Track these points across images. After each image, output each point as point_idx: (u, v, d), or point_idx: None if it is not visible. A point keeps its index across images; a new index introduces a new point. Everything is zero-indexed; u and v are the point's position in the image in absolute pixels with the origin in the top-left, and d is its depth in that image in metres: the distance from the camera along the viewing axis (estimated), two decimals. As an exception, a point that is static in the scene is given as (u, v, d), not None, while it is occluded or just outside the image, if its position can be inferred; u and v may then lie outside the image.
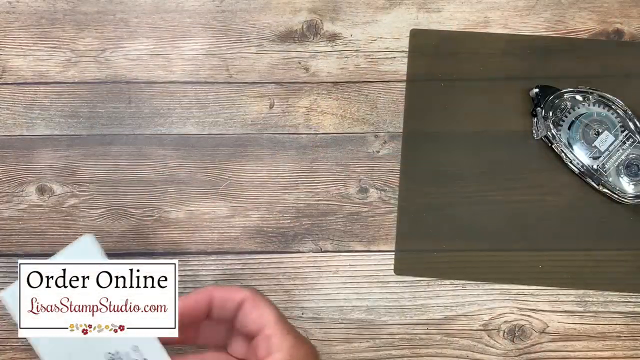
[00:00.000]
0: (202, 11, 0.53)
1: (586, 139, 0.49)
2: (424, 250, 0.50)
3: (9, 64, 0.52)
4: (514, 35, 0.52)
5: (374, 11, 0.53)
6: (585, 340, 0.49)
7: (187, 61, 0.52)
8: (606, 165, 0.49)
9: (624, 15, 0.52)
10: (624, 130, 0.49)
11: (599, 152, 0.49)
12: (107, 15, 0.52)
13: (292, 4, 0.53)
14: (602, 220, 0.50)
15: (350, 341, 0.49)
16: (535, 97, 0.50)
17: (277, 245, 0.50)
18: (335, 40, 0.52)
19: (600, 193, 0.49)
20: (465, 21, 0.52)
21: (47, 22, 0.52)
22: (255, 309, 0.38)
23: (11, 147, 0.51)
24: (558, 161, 0.50)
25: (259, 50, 0.52)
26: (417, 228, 0.50)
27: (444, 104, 0.51)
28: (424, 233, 0.50)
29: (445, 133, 0.51)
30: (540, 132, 0.49)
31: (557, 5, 0.53)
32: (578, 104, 0.50)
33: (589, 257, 0.49)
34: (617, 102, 0.49)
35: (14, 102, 0.52)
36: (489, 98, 0.51)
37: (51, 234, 0.50)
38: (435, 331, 0.49)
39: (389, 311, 0.49)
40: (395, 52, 0.52)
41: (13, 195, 0.51)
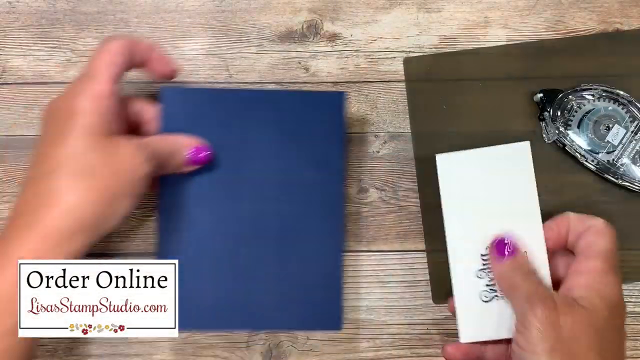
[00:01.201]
0: (202, 11, 0.53)
1: (597, 135, 0.49)
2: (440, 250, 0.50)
3: (9, 64, 0.52)
4: (509, 44, 0.52)
5: (374, 11, 0.53)
6: (585, 340, 0.49)
7: (187, 61, 0.52)
8: (622, 158, 0.49)
9: (624, 15, 0.52)
10: (633, 120, 0.49)
11: (613, 147, 0.49)
12: (107, 15, 0.52)
13: (292, 4, 0.53)
14: (628, 213, 0.50)
15: (350, 341, 0.49)
16: (540, 102, 0.50)
17: (277, 245, 0.50)
18: (335, 40, 0.52)
19: (621, 187, 0.49)
20: (465, 21, 0.52)
21: (47, 22, 0.52)
22: (595, 236, 0.41)
23: (11, 147, 0.51)
24: (572, 161, 0.50)
25: (259, 50, 0.52)
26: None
27: (444, 103, 0.51)
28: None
29: (450, 133, 0.50)
30: (551, 136, 0.49)
31: (557, 5, 0.53)
32: (584, 102, 0.50)
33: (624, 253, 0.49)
34: (621, 94, 0.49)
35: (14, 102, 0.52)
36: (489, 98, 0.51)
37: (51, 234, 0.50)
38: (435, 331, 0.49)
39: (389, 311, 0.49)
40: (395, 52, 0.52)
41: (13, 195, 0.51)
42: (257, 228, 0.46)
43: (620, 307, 0.39)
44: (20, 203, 0.39)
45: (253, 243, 0.45)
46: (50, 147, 0.39)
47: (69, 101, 0.40)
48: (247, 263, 0.45)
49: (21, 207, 0.39)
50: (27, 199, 0.39)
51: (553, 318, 0.37)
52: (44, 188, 0.38)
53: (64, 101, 0.41)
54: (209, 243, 0.45)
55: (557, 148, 0.50)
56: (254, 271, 0.45)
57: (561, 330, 0.37)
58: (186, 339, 0.49)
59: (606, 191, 0.50)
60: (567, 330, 0.37)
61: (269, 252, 0.45)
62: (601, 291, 0.39)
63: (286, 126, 0.46)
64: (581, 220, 0.42)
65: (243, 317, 0.45)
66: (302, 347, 0.49)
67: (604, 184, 0.50)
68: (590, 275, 0.40)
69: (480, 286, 0.43)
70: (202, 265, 0.45)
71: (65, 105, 0.41)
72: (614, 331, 0.38)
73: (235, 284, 0.45)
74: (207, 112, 0.46)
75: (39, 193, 0.39)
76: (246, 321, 0.46)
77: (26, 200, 0.39)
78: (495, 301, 0.42)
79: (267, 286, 0.45)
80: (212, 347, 0.49)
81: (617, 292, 0.40)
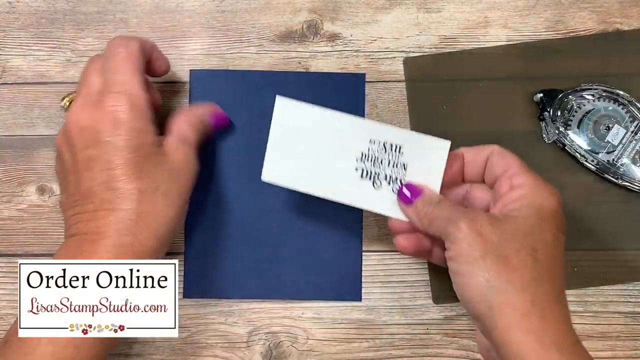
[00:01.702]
0: (202, 11, 0.52)
1: (597, 135, 0.49)
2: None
3: (9, 64, 0.52)
4: (509, 44, 0.52)
5: (374, 11, 0.53)
6: (585, 340, 0.48)
7: (187, 61, 0.52)
8: (622, 158, 0.49)
9: (624, 15, 0.52)
10: (633, 120, 0.49)
11: (613, 147, 0.49)
12: (107, 15, 0.52)
13: (292, 4, 0.53)
14: (628, 213, 0.50)
15: (350, 341, 0.49)
16: (540, 102, 0.50)
17: (277, 245, 0.50)
18: (335, 40, 0.52)
19: (621, 187, 0.49)
20: (465, 21, 0.52)
21: (47, 22, 0.52)
22: (501, 157, 0.42)
23: (11, 147, 0.51)
24: (572, 161, 0.50)
25: (259, 50, 0.52)
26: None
27: (444, 103, 0.51)
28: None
29: (450, 133, 0.50)
30: (551, 136, 0.49)
31: (557, 5, 0.53)
32: (584, 102, 0.50)
33: (625, 253, 0.50)
34: (621, 94, 0.49)
35: (14, 102, 0.52)
36: (489, 98, 0.51)
37: (51, 234, 0.50)
38: (435, 331, 0.49)
39: (389, 311, 0.49)
40: (395, 52, 0.52)
41: (13, 195, 0.51)
42: (280, 201, 0.49)
43: (554, 216, 0.39)
44: (101, 225, 0.40)
45: (277, 217, 0.49)
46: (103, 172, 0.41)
47: (110, 119, 0.41)
48: (270, 236, 0.49)
49: (103, 228, 0.40)
50: (108, 222, 0.40)
51: (477, 227, 0.38)
52: (126, 212, 0.40)
53: (105, 117, 0.41)
54: (235, 217, 0.49)
55: (557, 148, 0.50)
56: (276, 244, 0.49)
57: (488, 237, 0.38)
58: (186, 339, 0.49)
59: (606, 191, 0.50)
60: (495, 236, 0.38)
61: (293, 225, 0.49)
62: (530, 201, 0.39)
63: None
64: (476, 152, 0.43)
65: (268, 286, 0.49)
66: (302, 347, 0.49)
67: (604, 184, 0.50)
68: (522, 187, 0.40)
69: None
70: (228, 236, 0.49)
71: (104, 122, 0.41)
72: (546, 234, 0.38)
73: (259, 254, 0.49)
74: (234, 92, 0.50)
75: (119, 217, 0.40)
76: (271, 289, 0.49)
77: (107, 223, 0.40)
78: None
79: (292, 258, 0.49)
80: (212, 347, 0.49)
81: (547, 185, 0.40)
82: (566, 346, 0.36)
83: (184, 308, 0.49)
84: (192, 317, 0.49)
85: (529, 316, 0.36)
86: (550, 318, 0.36)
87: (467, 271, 0.38)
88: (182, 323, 0.49)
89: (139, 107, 0.41)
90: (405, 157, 0.44)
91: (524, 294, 0.36)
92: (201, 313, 0.49)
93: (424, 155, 0.44)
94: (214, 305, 0.49)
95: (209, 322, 0.49)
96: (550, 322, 0.36)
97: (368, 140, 0.44)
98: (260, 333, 0.49)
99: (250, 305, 0.49)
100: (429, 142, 0.44)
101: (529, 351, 0.35)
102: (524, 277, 0.37)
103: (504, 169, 0.41)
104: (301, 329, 0.49)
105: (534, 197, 0.39)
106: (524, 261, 0.37)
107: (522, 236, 0.38)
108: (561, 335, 0.36)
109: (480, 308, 0.37)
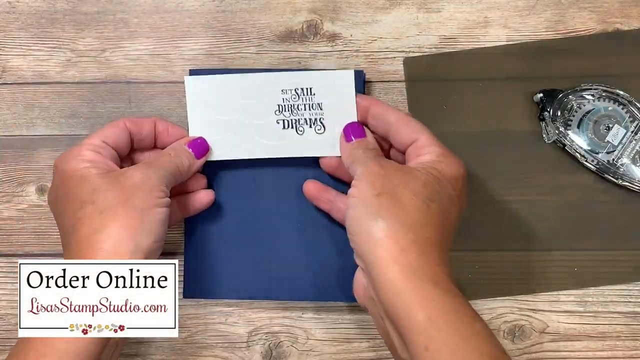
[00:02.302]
0: (202, 11, 0.52)
1: (597, 135, 0.49)
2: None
3: (9, 64, 0.52)
4: (509, 44, 0.52)
5: (374, 11, 0.53)
6: (585, 340, 0.49)
7: (187, 61, 0.52)
8: (622, 158, 0.49)
9: (624, 15, 0.52)
10: (633, 120, 0.49)
11: (613, 147, 0.49)
12: (107, 15, 0.52)
13: (292, 4, 0.53)
14: (628, 213, 0.50)
15: (350, 341, 0.49)
16: (540, 102, 0.50)
17: (277, 245, 0.50)
18: (335, 40, 0.52)
19: (621, 187, 0.49)
20: (465, 21, 0.52)
21: (47, 22, 0.52)
22: (406, 125, 0.44)
23: (11, 147, 0.51)
24: (572, 161, 0.50)
25: (259, 50, 0.52)
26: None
27: (444, 103, 0.51)
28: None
29: (450, 133, 0.50)
30: (551, 136, 0.49)
31: (557, 5, 0.53)
32: (584, 102, 0.50)
33: (625, 253, 0.50)
34: (621, 94, 0.49)
35: (14, 102, 0.52)
36: (489, 99, 0.51)
37: (51, 234, 0.50)
38: (435, 331, 0.49)
39: (389, 311, 0.49)
40: (395, 52, 0.52)
41: (13, 195, 0.51)
42: (280, 202, 0.49)
43: (455, 181, 0.41)
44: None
45: (277, 217, 0.49)
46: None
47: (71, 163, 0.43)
48: (270, 237, 0.49)
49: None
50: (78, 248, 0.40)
51: (384, 172, 0.40)
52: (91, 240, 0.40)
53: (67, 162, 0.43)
54: (235, 217, 0.49)
55: (557, 148, 0.50)
56: (275, 245, 0.49)
57: (389, 180, 0.40)
58: (186, 338, 0.49)
59: (606, 191, 0.50)
60: (396, 180, 0.40)
61: (293, 226, 0.49)
62: (435, 164, 0.41)
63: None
64: (382, 111, 0.45)
65: (268, 286, 0.48)
66: (302, 347, 0.49)
67: (604, 184, 0.50)
68: (430, 153, 0.42)
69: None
70: (228, 237, 0.49)
71: (68, 167, 0.43)
72: (444, 194, 0.40)
73: (258, 255, 0.49)
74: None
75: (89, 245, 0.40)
76: (271, 290, 0.48)
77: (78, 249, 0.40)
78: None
79: (292, 258, 0.49)
80: (212, 347, 0.49)
81: (453, 155, 0.42)
82: (442, 282, 0.37)
83: (184, 308, 0.49)
84: (192, 317, 0.49)
85: (409, 252, 0.37)
86: (428, 258, 0.38)
87: (362, 205, 0.39)
88: (182, 323, 0.49)
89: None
90: (318, 96, 0.46)
91: (407, 232, 0.38)
92: (201, 313, 0.49)
93: (334, 90, 0.46)
94: (214, 305, 0.49)
95: (209, 322, 0.49)
96: (427, 261, 0.37)
97: (280, 90, 0.46)
98: (260, 333, 0.49)
99: (250, 305, 0.49)
100: (335, 76, 0.46)
101: (403, 281, 0.37)
102: (412, 218, 0.38)
103: (412, 138, 0.43)
104: (301, 329, 0.49)
105: (439, 163, 0.41)
106: (416, 206, 0.39)
107: (421, 185, 0.40)
108: (438, 275, 0.37)
109: (365, 242, 0.39)
